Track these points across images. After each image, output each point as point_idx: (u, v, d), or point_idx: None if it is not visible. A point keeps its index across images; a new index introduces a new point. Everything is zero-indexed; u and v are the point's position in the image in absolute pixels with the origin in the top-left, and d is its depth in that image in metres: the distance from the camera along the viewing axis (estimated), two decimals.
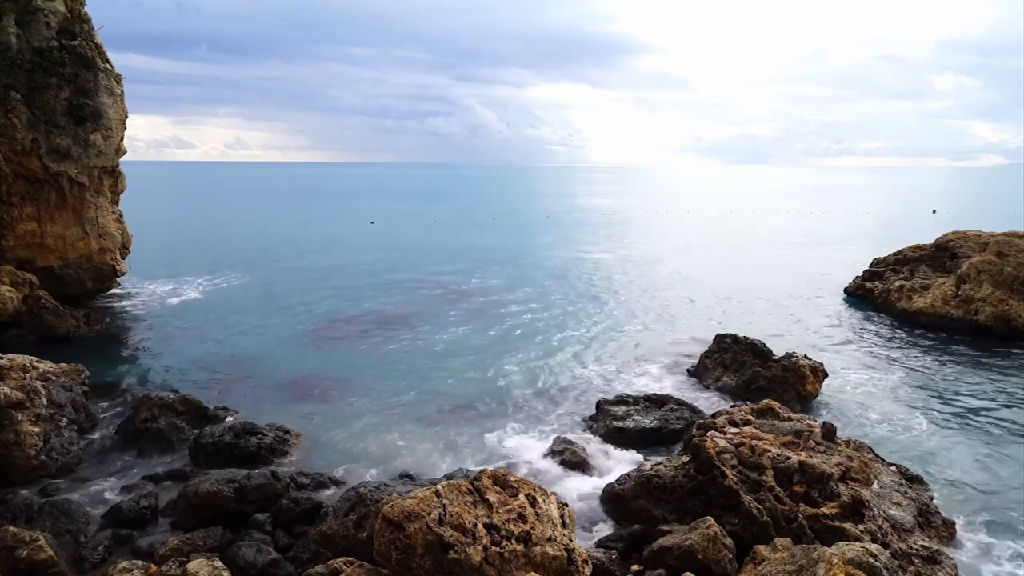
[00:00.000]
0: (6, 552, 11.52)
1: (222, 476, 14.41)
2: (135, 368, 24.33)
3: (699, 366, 23.42)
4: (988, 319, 28.38)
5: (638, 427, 18.16)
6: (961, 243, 33.85)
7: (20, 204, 29.64)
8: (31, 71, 28.62)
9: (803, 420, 15.90)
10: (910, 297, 32.02)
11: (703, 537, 11.52)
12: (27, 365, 17.54)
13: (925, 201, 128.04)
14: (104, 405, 20.03)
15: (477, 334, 28.93)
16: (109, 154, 31.29)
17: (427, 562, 9.68)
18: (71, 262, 31.36)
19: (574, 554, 10.44)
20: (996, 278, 29.02)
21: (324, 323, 30.81)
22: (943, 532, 13.27)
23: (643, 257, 52.28)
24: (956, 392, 22.02)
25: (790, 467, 13.17)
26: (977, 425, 19.40)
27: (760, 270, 45.99)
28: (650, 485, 13.85)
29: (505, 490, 10.95)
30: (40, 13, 29.14)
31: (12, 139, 28.24)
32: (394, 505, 10.27)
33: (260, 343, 27.42)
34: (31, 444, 15.56)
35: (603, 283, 40.92)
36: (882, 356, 25.99)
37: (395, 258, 50.80)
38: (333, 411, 20.15)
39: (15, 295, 26.75)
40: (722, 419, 15.69)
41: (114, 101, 31.02)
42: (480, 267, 46.31)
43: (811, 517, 12.28)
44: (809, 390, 21.01)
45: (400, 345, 27.22)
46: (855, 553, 9.75)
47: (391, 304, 34.72)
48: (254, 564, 12.06)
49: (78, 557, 12.57)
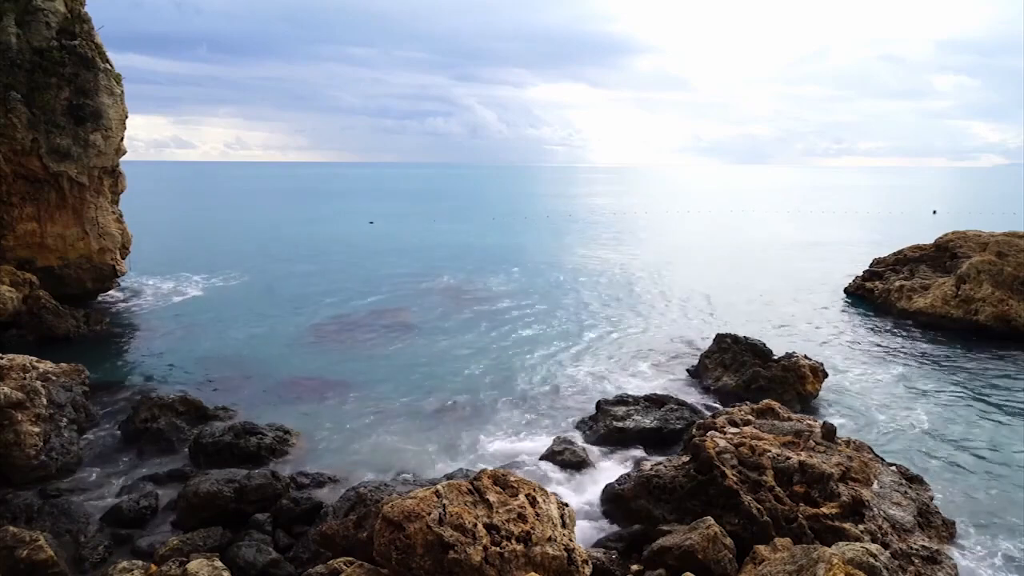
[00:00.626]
0: (6, 552, 11.52)
1: (222, 476, 14.41)
2: (135, 368, 24.33)
3: (699, 366, 23.42)
4: (988, 319, 28.39)
5: (638, 427, 18.15)
6: (961, 243, 33.85)
7: (20, 204, 29.63)
8: (31, 71, 28.62)
9: (803, 420, 15.91)
10: (910, 297, 32.03)
11: (703, 537, 11.52)
12: (27, 365, 17.54)
13: (925, 201, 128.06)
14: (104, 405, 20.03)
15: (477, 334, 28.93)
16: (109, 154, 31.29)
17: (427, 562, 9.68)
18: (71, 262, 31.35)
19: (574, 554, 10.44)
20: (996, 278, 29.02)
21: (324, 323, 30.81)
22: (943, 532, 13.27)
23: (643, 257, 52.27)
24: (956, 392, 22.02)
25: (790, 467, 13.17)
26: (977, 425, 19.40)
27: (760, 270, 45.99)
28: (650, 485, 13.85)
29: (505, 490, 10.95)
30: (40, 13, 29.14)
31: (12, 139, 28.23)
32: (394, 505, 10.27)
33: (260, 343, 27.43)
34: (31, 444, 15.56)
35: (603, 283, 40.92)
36: (882, 356, 25.99)
37: (395, 258, 50.81)
38: (333, 411, 20.15)
39: (15, 295, 26.75)
40: (722, 419, 15.69)
41: (114, 101, 31.02)
42: (480, 267, 46.31)
43: (811, 517, 12.28)
44: (809, 390, 21.01)
45: (400, 345, 27.23)
46: (855, 553, 9.75)
47: (391, 304, 34.72)
48: (254, 564, 12.06)
49: (78, 557, 12.57)
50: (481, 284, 40.23)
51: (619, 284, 40.69)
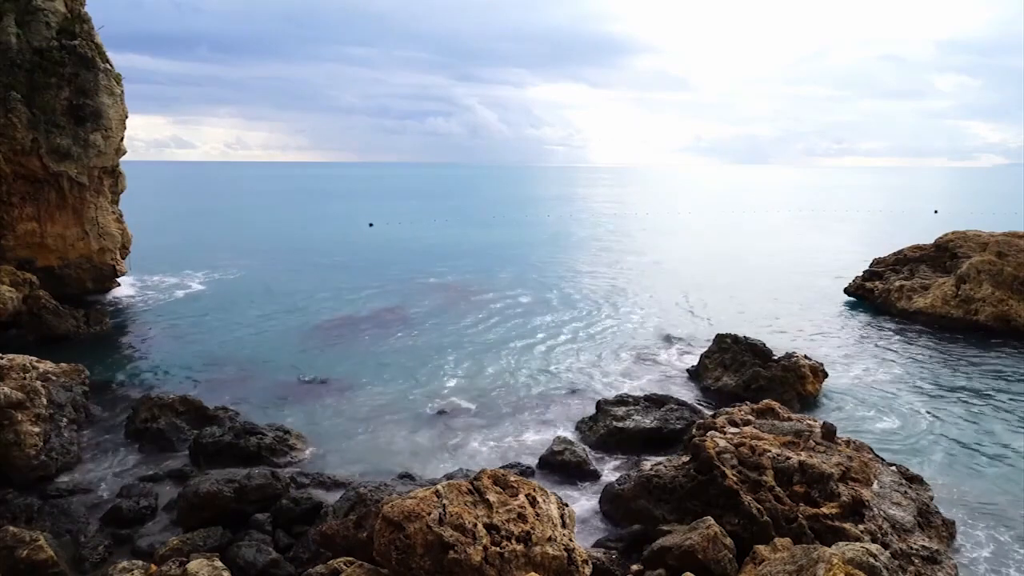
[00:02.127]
0: (6, 552, 11.52)
1: (222, 476, 14.41)
2: (135, 368, 24.32)
3: (699, 366, 23.42)
4: (988, 319, 28.39)
5: (638, 427, 18.15)
6: (961, 243, 33.83)
7: (20, 204, 29.65)
8: (31, 71, 28.63)
9: (803, 420, 15.90)
10: (910, 297, 32.03)
11: (703, 537, 11.52)
12: (27, 365, 17.54)
13: (925, 201, 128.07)
14: (104, 405, 20.04)
15: (477, 334, 28.93)
16: (109, 154, 31.31)
17: (427, 562, 9.68)
18: (71, 262, 31.37)
19: (574, 554, 10.44)
20: (996, 278, 29.02)
21: (324, 323, 30.82)
22: (943, 532, 13.26)
23: (643, 257, 52.29)
24: (956, 392, 22.02)
25: (790, 467, 13.17)
26: (977, 425, 19.40)
27: (760, 270, 46.00)
28: (650, 485, 13.85)
29: (505, 490, 10.95)
30: (40, 13, 29.17)
31: (12, 139, 28.25)
32: (394, 505, 10.27)
33: (260, 343, 27.43)
34: (31, 444, 15.56)
35: (603, 283, 40.93)
36: (882, 356, 25.98)
37: (395, 258, 50.83)
38: (333, 411, 20.16)
39: (15, 295, 26.76)
40: (722, 419, 15.69)
41: (114, 101, 31.04)
42: (480, 267, 46.33)
43: (811, 517, 12.27)
44: (809, 390, 21.01)
45: (400, 345, 27.23)
46: (855, 553, 9.75)
47: (391, 304, 34.72)
48: (254, 564, 12.06)
49: (78, 557, 12.57)
50: (481, 284, 40.23)
51: (619, 284, 40.70)
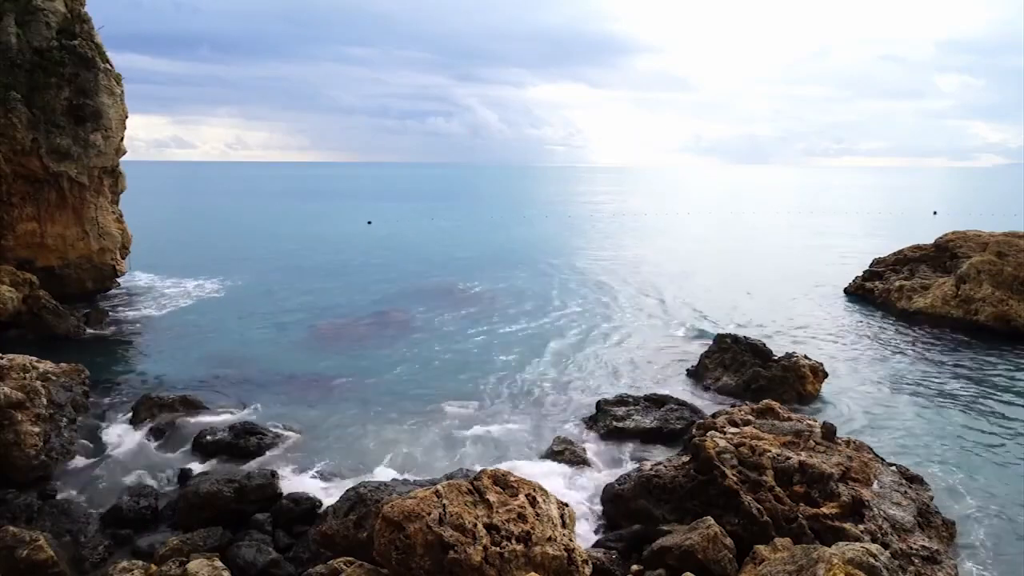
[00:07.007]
0: (6, 552, 11.52)
1: (222, 476, 14.42)
2: (135, 368, 24.33)
3: (699, 366, 23.42)
4: (988, 319, 28.38)
5: (638, 427, 18.16)
6: (961, 243, 33.84)
7: (20, 204, 29.63)
8: (31, 71, 28.62)
9: (803, 420, 15.90)
10: (910, 297, 32.03)
11: (703, 537, 11.52)
12: (27, 365, 17.53)
13: (925, 201, 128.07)
14: (104, 405, 20.04)
15: (477, 334, 28.92)
16: (109, 154, 31.29)
17: (427, 562, 9.68)
18: (71, 262, 31.35)
19: (574, 554, 10.44)
20: (996, 278, 29.02)
21: (324, 323, 30.80)
22: (943, 532, 13.26)
23: (643, 257, 52.27)
24: (956, 392, 22.01)
25: (790, 467, 13.17)
26: (977, 425, 19.39)
27: (760, 270, 46.00)
28: (650, 485, 13.85)
29: (505, 490, 10.95)
30: (40, 13, 29.15)
31: (12, 139, 28.23)
32: (394, 505, 10.28)
33: (260, 343, 27.42)
34: (31, 444, 15.55)
35: (603, 283, 40.90)
36: (882, 356, 25.98)
37: (395, 258, 50.82)
38: (333, 411, 20.14)
39: (15, 295, 26.75)
40: (722, 419, 15.70)
41: (114, 101, 31.02)
42: (480, 267, 46.29)
43: (811, 517, 12.28)
44: (809, 390, 21.01)
45: (400, 344, 27.22)
46: (855, 553, 9.75)
47: (391, 304, 34.70)
48: (254, 564, 12.06)
49: (78, 557, 12.58)
50: (481, 284, 40.22)
51: (619, 284, 40.66)
